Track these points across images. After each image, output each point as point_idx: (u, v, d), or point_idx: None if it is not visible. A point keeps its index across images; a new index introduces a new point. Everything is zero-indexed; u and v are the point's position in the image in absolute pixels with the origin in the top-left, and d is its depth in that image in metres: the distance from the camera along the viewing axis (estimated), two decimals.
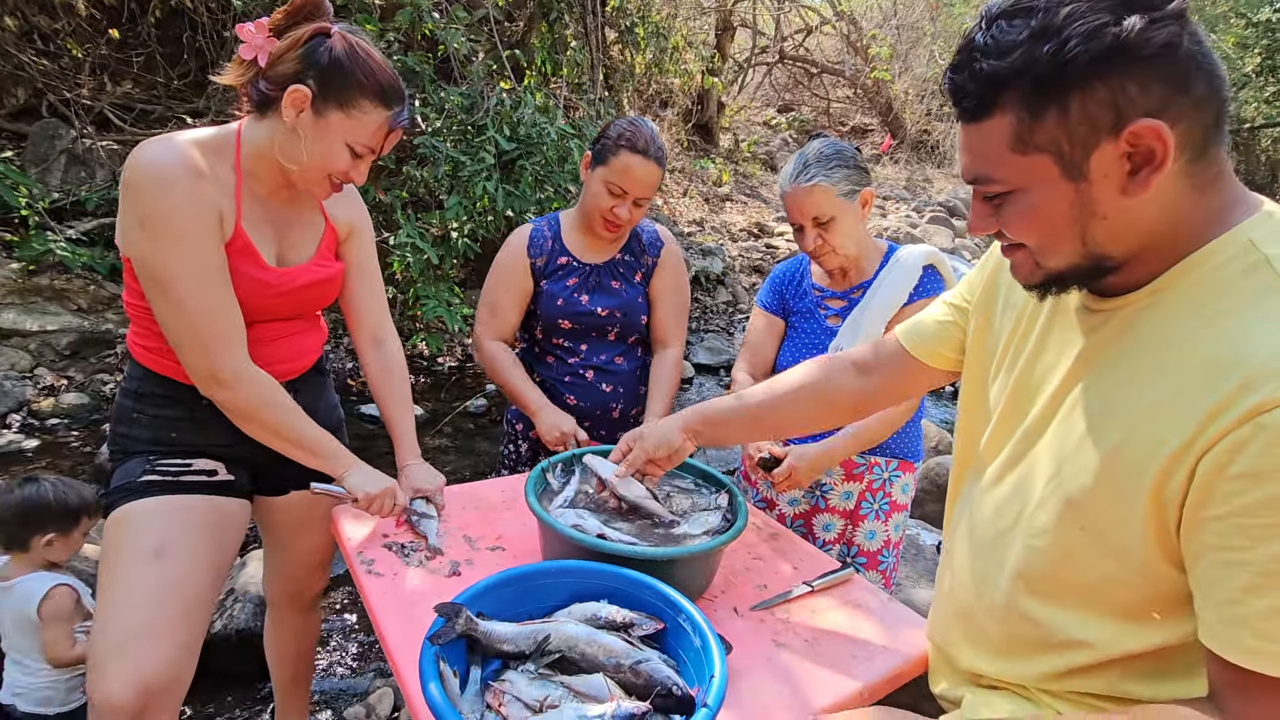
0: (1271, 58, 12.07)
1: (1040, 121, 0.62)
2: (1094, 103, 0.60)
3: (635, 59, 7.10)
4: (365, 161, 1.16)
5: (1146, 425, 0.63)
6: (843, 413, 1.12)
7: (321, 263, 1.27)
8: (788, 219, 1.61)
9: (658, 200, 8.09)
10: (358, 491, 1.20)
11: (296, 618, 1.52)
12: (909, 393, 1.08)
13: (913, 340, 1.02)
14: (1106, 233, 0.65)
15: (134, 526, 1.12)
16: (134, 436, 1.21)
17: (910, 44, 13.17)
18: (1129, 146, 0.60)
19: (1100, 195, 0.63)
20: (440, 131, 4.26)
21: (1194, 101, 0.60)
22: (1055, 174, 0.63)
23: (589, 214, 1.66)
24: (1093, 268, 0.68)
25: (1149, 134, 0.59)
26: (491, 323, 1.72)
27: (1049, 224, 0.66)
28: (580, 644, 0.86)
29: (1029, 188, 0.65)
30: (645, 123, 1.62)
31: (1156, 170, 0.60)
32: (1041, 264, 0.70)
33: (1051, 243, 0.67)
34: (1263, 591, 0.56)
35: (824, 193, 1.50)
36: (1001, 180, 0.66)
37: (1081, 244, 0.66)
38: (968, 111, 0.66)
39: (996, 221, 0.70)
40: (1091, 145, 0.61)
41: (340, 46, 1.08)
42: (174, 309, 1.07)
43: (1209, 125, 0.62)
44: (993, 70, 0.62)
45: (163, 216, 1.03)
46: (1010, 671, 0.82)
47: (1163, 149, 0.59)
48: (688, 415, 1.18)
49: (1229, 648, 0.58)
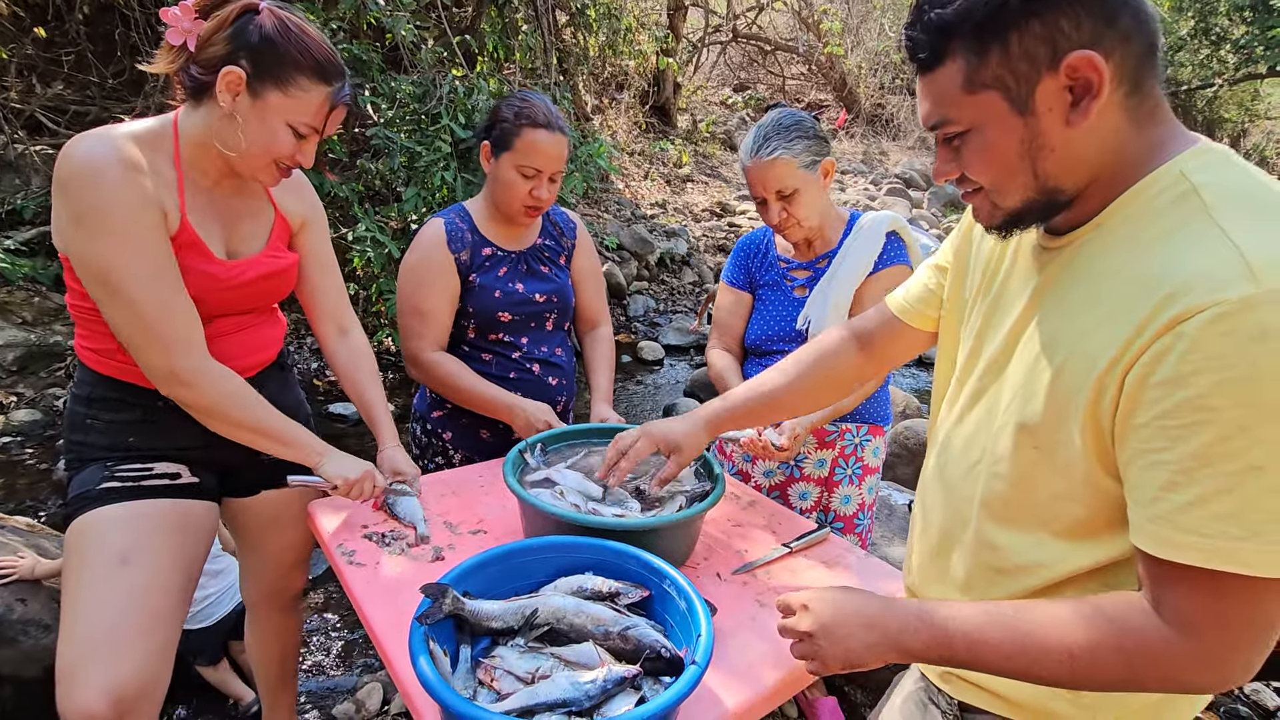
0: (1204, 20, 12.48)
1: (985, 61, 0.67)
2: (1031, 39, 0.65)
3: (588, 41, 7.02)
4: (310, 142, 1.12)
5: (1083, 346, 0.68)
6: (847, 384, 1.16)
7: (274, 254, 1.24)
8: (750, 193, 1.62)
9: (619, 183, 8.05)
10: (336, 479, 1.18)
11: (278, 618, 1.50)
12: (903, 358, 1.12)
13: (901, 306, 1.06)
14: (1055, 165, 0.69)
15: (96, 535, 1.08)
16: (89, 444, 1.17)
17: (860, 18, 13.26)
18: (1068, 79, 0.65)
19: (1047, 128, 0.68)
20: (393, 122, 4.17)
21: (1121, 34, 0.65)
22: (1005, 109, 0.68)
23: (505, 203, 1.56)
24: (1047, 202, 0.72)
25: (1084, 64, 0.64)
26: (426, 332, 1.56)
27: (1003, 159, 0.70)
28: (568, 615, 0.87)
29: (982, 125, 0.70)
30: (536, 94, 1.53)
31: (1095, 99, 0.65)
32: (999, 204, 0.74)
33: (1006, 179, 0.72)
34: (1180, 488, 0.59)
35: (785, 165, 1.51)
36: (957, 120, 0.71)
37: (1034, 177, 0.70)
38: (923, 63, 0.72)
39: (957, 165, 0.75)
40: (1034, 80, 0.66)
41: (270, 22, 1.05)
42: (125, 309, 1.03)
43: (1140, 57, 0.67)
44: (940, 19, 0.68)
45: (100, 213, 0.99)
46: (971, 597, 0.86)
47: (1098, 78, 0.64)
48: (710, 413, 1.19)
49: (1153, 543, 0.62)
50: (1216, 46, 12.70)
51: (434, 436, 1.70)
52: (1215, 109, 15.14)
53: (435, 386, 1.59)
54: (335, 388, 4.25)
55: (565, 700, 0.77)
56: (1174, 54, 13.09)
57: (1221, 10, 12.21)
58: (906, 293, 1.06)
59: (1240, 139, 16.72)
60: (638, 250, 6.74)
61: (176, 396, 1.10)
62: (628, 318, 6.16)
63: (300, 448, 1.20)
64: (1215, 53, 12.78)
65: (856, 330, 1.13)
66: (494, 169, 1.55)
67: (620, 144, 8.66)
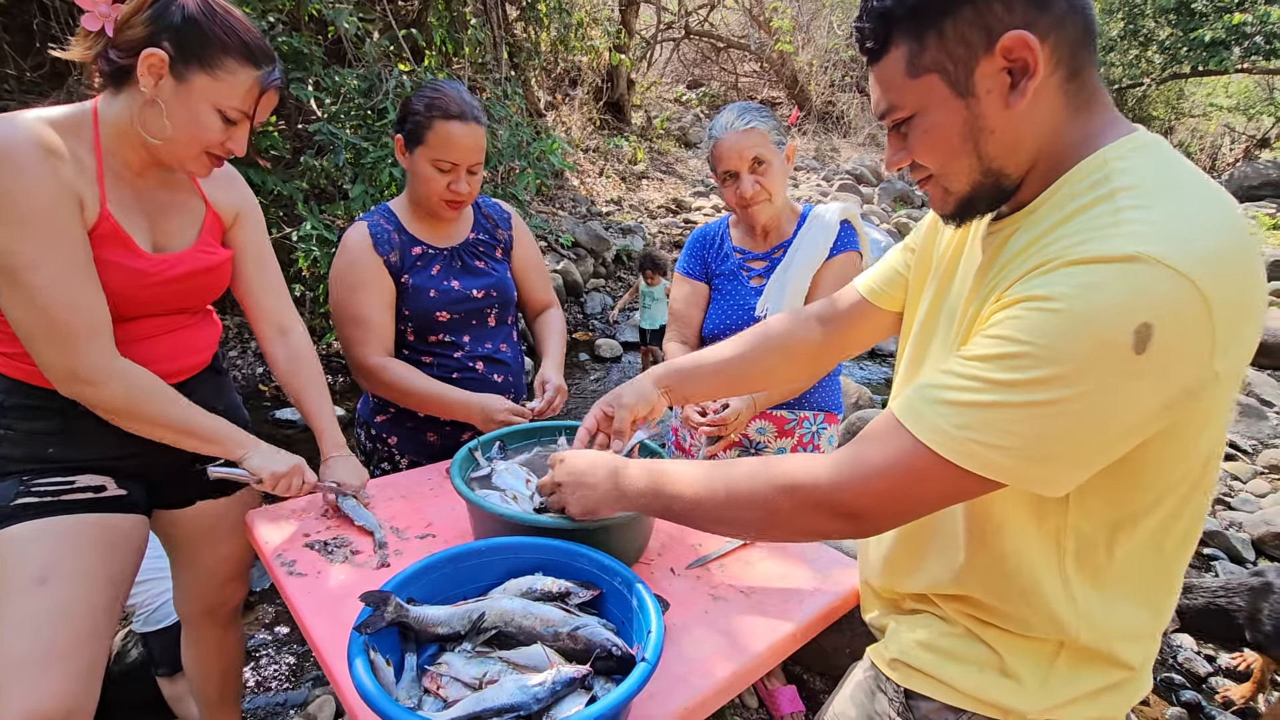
0: (1133, 22, 13.08)
1: (925, 46, 0.70)
2: (965, 24, 0.68)
3: (540, 36, 6.95)
4: (241, 129, 1.08)
5: (965, 318, 0.76)
6: (806, 363, 1.17)
7: (204, 249, 1.18)
8: (720, 169, 1.62)
9: (574, 180, 8.00)
10: (262, 472, 1.13)
11: (217, 633, 1.43)
12: (867, 340, 1.14)
13: (869, 287, 1.08)
14: (997, 146, 0.72)
15: (11, 554, 1.01)
16: (3, 456, 1.09)
17: (810, 15, 13.46)
18: (1005, 61, 0.68)
19: (987, 110, 0.70)
20: (337, 117, 4.04)
21: (1056, 19, 0.67)
22: (946, 92, 0.71)
23: (425, 199, 1.50)
24: (993, 185, 0.75)
25: (1018, 44, 0.66)
26: (366, 338, 1.49)
27: (946, 141, 0.73)
28: (516, 617, 0.85)
29: (926, 108, 0.72)
30: (450, 84, 1.47)
31: (1031, 78, 0.67)
32: (949, 189, 0.77)
33: (950, 161, 0.74)
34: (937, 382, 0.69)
35: (762, 135, 1.57)
36: (902, 105, 0.74)
37: (977, 159, 0.73)
38: (871, 52, 0.74)
39: (907, 152, 0.77)
40: (972, 63, 0.69)
41: (193, 3, 1.00)
42: (24, 301, 0.96)
43: (1076, 43, 0.69)
44: (881, 7, 0.71)
45: (8, 199, 0.93)
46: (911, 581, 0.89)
47: (1033, 58, 0.66)
48: (658, 372, 1.20)
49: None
50: (1144, 47, 13.33)
51: (379, 442, 1.65)
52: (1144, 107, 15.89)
53: (385, 393, 1.53)
54: (281, 393, 4.11)
55: (513, 705, 0.75)
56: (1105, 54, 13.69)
57: (1148, 13, 12.82)
58: (875, 275, 1.09)
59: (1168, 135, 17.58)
60: (594, 247, 6.71)
61: (80, 397, 1.03)
62: (585, 315, 6.13)
63: (223, 441, 1.14)
64: (1143, 53, 13.42)
65: (818, 312, 1.15)
66: (410, 164, 1.50)
67: (574, 140, 8.61)
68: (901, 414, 0.70)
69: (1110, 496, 0.71)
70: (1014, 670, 0.78)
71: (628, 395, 1.17)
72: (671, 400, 1.20)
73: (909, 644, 0.86)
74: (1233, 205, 0.64)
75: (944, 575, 0.84)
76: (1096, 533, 0.73)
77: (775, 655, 1.00)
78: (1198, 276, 0.58)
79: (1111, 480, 0.69)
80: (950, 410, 0.66)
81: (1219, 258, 0.59)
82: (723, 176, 1.63)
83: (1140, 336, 0.58)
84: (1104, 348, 0.59)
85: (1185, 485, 0.71)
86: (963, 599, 0.83)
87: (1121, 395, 0.60)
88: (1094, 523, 0.73)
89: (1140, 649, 0.77)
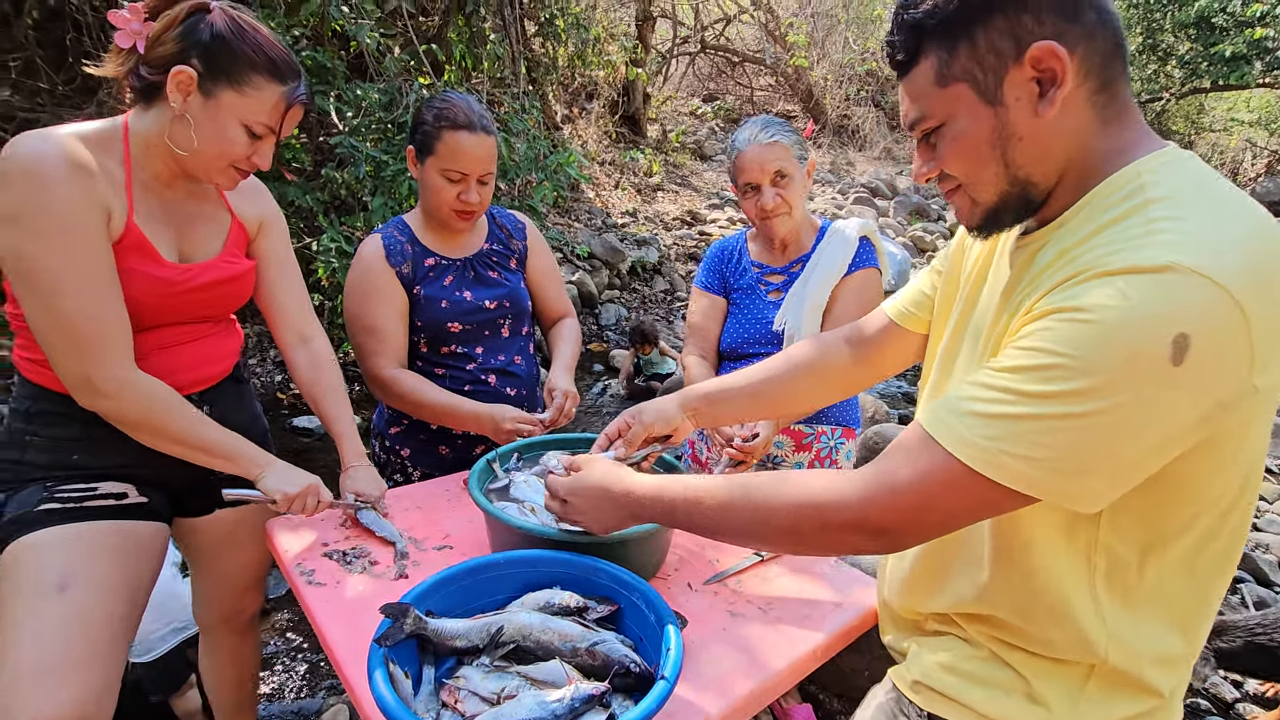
0: (1152, 37, 12.99)
1: (954, 55, 0.71)
2: (995, 33, 0.69)
3: (557, 51, 7.02)
4: (267, 143, 1.10)
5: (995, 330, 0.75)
6: (837, 387, 1.17)
7: (229, 259, 1.20)
8: (741, 181, 1.62)
9: (589, 193, 8.05)
10: (275, 493, 1.13)
11: (234, 641, 1.44)
12: (897, 364, 1.13)
13: (897, 310, 1.08)
14: (1024, 154, 0.72)
15: (33, 560, 1.02)
16: (28, 462, 1.11)
17: (826, 30, 13.50)
18: (1034, 71, 0.68)
19: (1016, 118, 0.71)
20: (358, 130, 4.10)
21: (1086, 30, 0.68)
22: (974, 100, 0.71)
23: (436, 210, 1.52)
24: (1020, 195, 0.74)
25: (1047, 54, 0.67)
26: (380, 349, 1.50)
27: (974, 148, 0.73)
28: (534, 632, 0.85)
29: (955, 116, 0.73)
30: (459, 95, 1.49)
31: (1060, 87, 0.68)
32: (976, 199, 0.77)
33: (978, 168, 0.74)
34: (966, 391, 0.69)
35: (784, 149, 1.58)
36: (931, 114, 0.74)
37: (1004, 167, 0.73)
38: (901, 64, 0.75)
39: (935, 162, 0.77)
40: (1001, 72, 0.69)
41: (222, 21, 1.02)
42: (45, 310, 0.98)
43: (1107, 54, 0.69)
44: (912, 18, 0.72)
45: (36, 211, 0.95)
46: (933, 601, 0.88)
47: (1061, 68, 0.67)
48: (686, 394, 1.20)
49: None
50: (1163, 62, 13.23)
51: (392, 454, 1.65)
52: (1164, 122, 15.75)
53: (398, 404, 1.54)
54: (300, 401, 4.15)
55: None
56: None
57: (1167, 28, 12.73)
58: (903, 298, 1.08)
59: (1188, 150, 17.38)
60: (609, 259, 6.73)
61: (97, 408, 1.05)
62: (599, 326, 6.15)
63: (238, 459, 1.14)
64: (1162, 68, 13.32)
65: (847, 335, 1.14)
66: (421, 175, 1.51)
67: (591, 153, 8.67)
68: (929, 426, 0.69)
69: (1142, 515, 0.70)
70: (1041, 695, 0.76)
71: (649, 413, 1.17)
72: (697, 423, 1.20)
73: (931, 666, 0.84)
74: (1268, 218, 0.64)
75: (968, 593, 0.83)
76: (1128, 552, 0.72)
77: (795, 674, 0.98)
78: (1235, 288, 0.57)
79: (1144, 498, 0.67)
80: (980, 421, 0.65)
81: (1256, 269, 0.58)
82: (743, 188, 1.63)
83: (1178, 347, 0.57)
84: (1140, 359, 0.58)
85: (1222, 504, 0.69)
86: (987, 619, 0.82)
87: (1157, 407, 0.59)
88: (1126, 541, 0.71)
89: (1171, 675, 0.75)
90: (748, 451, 1.52)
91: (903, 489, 0.69)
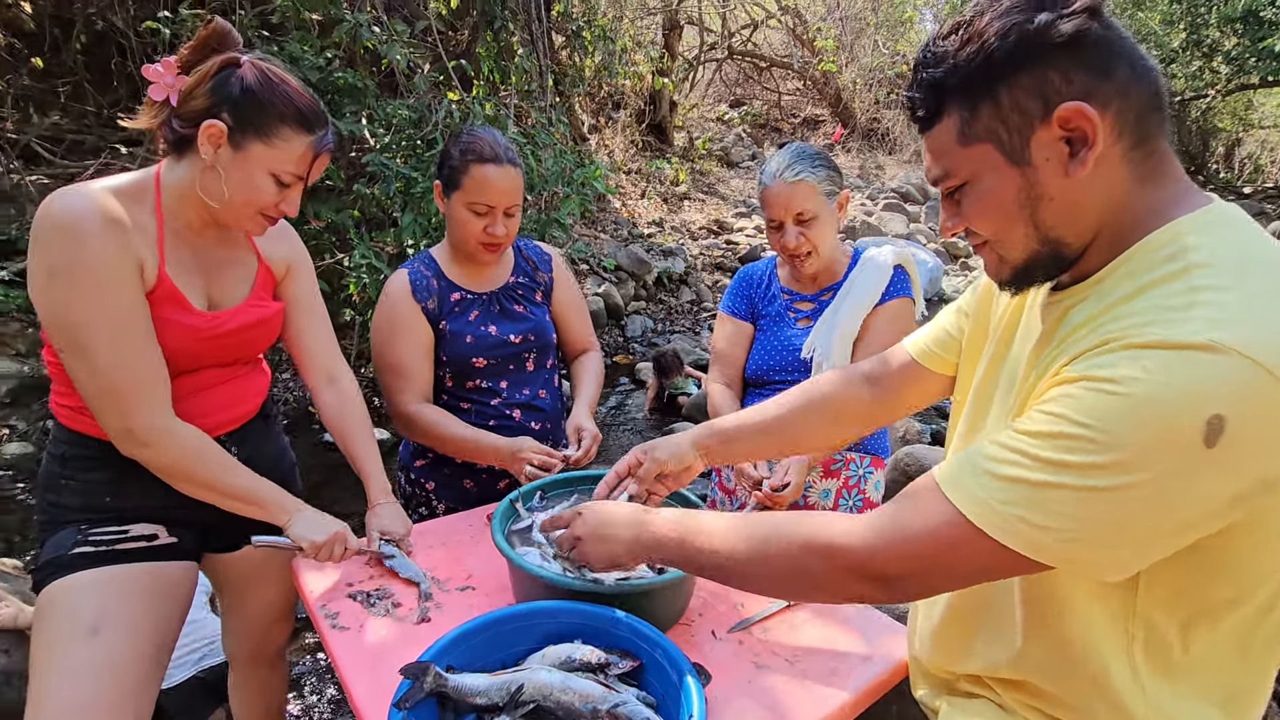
0: (1196, 33, 12.58)
1: (977, 114, 0.68)
2: (1021, 92, 0.66)
3: (584, 63, 7.07)
4: (295, 190, 1.11)
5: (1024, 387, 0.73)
6: (854, 425, 1.14)
7: (256, 303, 1.22)
8: (766, 214, 1.60)
9: (616, 203, 8.07)
10: (302, 541, 1.14)
11: (263, 672, 1.46)
12: (918, 402, 1.10)
13: (921, 349, 1.05)
14: (1055, 215, 0.69)
15: (67, 603, 1.05)
16: (64, 505, 1.14)
17: (855, 34, 13.36)
18: (1063, 130, 0.65)
19: (1045, 178, 0.68)
20: (389, 147, 4.17)
21: (1118, 87, 0.65)
22: (1000, 160, 0.69)
23: (463, 243, 1.53)
24: (1051, 254, 0.72)
25: (1076, 115, 0.64)
26: (403, 386, 1.51)
27: (1001, 208, 0.70)
28: (555, 692, 0.84)
29: (980, 176, 0.70)
30: (485, 129, 1.50)
31: (1091, 149, 0.65)
32: (1004, 256, 0.74)
33: (1006, 229, 0.72)
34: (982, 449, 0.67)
35: (809, 188, 1.53)
36: (955, 172, 0.72)
37: (1034, 227, 0.70)
38: (922, 120, 0.73)
39: (960, 218, 0.75)
40: (1028, 131, 0.67)
41: (251, 75, 1.04)
42: (85, 363, 1.01)
43: (1143, 110, 0.66)
44: (932, 78, 0.70)
45: (72, 267, 0.97)
46: (964, 662, 0.85)
47: (1091, 128, 0.64)
48: (699, 432, 1.18)
49: None
50: (1209, 58, 12.80)
51: (417, 487, 1.66)
52: (1210, 119, 15.24)
53: (421, 439, 1.55)
54: None
55: None
56: (1166, 66, 13.19)
57: (1213, 22, 12.31)
58: (926, 336, 1.05)
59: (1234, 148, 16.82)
60: (635, 270, 6.74)
61: (138, 457, 1.07)
62: (625, 338, 6.15)
63: (268, 507, 1.16)
64: (1208, 64, 12.88)
65: (867, 372, 1.11)
66: (448, 209, 1.52)
67: (617, 163, 8.69)
68: (943, 481, 0.67)
69: (1179, 588, 0.66)
70: None
71: (661, 450, 1.15)
72: (710, 462, 1.18)
73: None
74: None
75: (1000, 658, 0.80)
76: (1167, 624, 0.68)
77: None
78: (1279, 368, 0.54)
79: (1179, 571, 0.64)
80: (996, 484, 0.63)
81: None
82: (768, 221, 1.61)
83: (1212, 429, 0.54)
84: (1170, 437, 0.55)
85: (1275, 580, 0.65)
86: (1022, 685, 0.79)
87: (1187, 487, 0.57)
88: (1164, 613, 0.68)
89: None
90: (777, 500, 1.49)
91: (911, 539, 0.67)
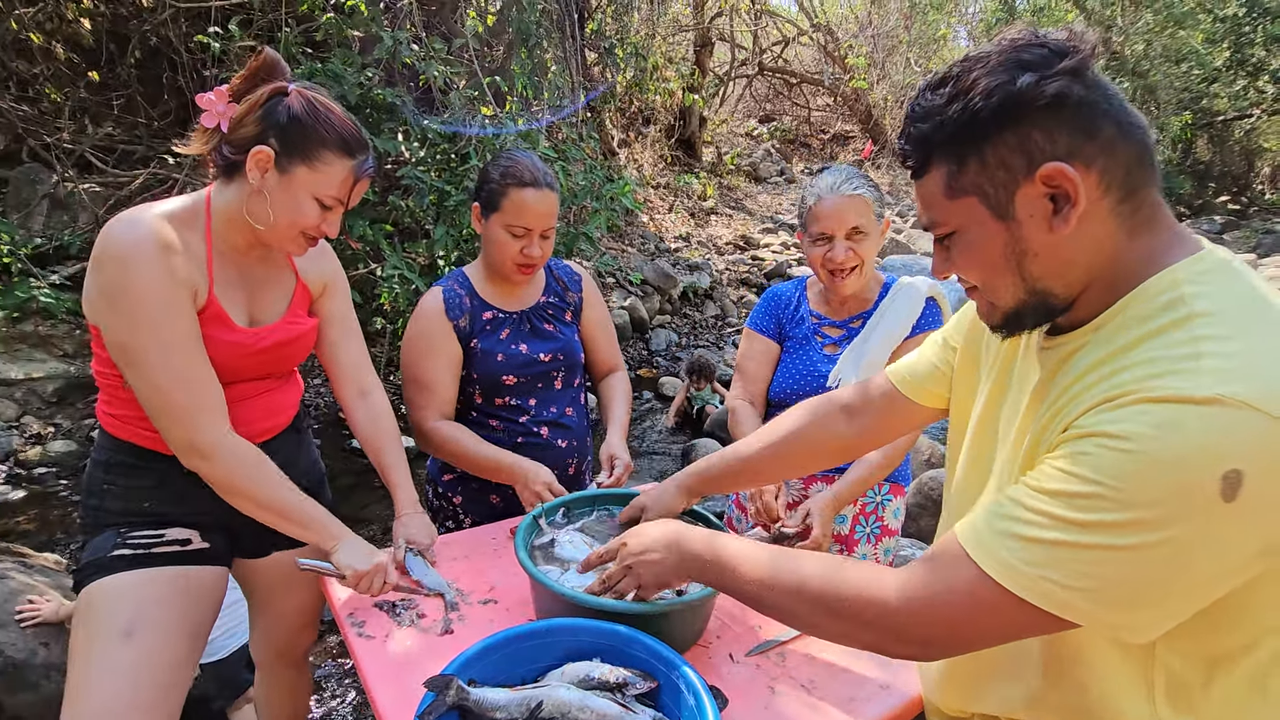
0: (1239, 51, 12.30)
1: (964, 169, 0.70)
2: (1006, 150, 0.67)
3: (616, 79, 7.16)
4: (335, 213, 1.16)
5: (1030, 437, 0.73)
6: (830, 456, 1.16)
7: (293, 320, 1.27)
8: (815, 229, 1.56)
9: (643, 217, 8.13)
10: (345, 569, 1.17)
11: (290, 675, 1.50)
12: (898, 432, 1.11)
13: (904, 379, 1.05)
14: (1041, 267, 0.70)
15: (104, 605, 1.10)
16: (105, 509, 1.19)
17: (887, 51, 13.34)
18: (1046, 188, 0.67)
19: (1029, 233, 0.69)
20: (424, 161, 4.27)
21: (1103, 145, 0.66)
22: (985, 214, 0.70)
23: (498, 264, 1.56)
24: (1039, 304, 0.73)
25: (1058, 175, 0.65)
26: (427, 402, 1.54)
27: (987, 260, 0.72)
28: (573, 710, 0.85)
29: (967, 228, 0.72)
30: (523, 153, 1.55)
31: (1074, 207, 0.66)
32: (995, 303, 0.76)
33: (993, 279, 0.73)
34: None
35: (865, 203, 1.54)
36: (944, 222, 0.74)
37: (1021, 278, 0.71)
38: (913, 170, 0.75)
39: (951, 265, 0.77)
40: (1012, 188, 0.68)
41: (298, 104, 1.09)
42: (145, 382, 1.06)
43: (1131, 166, 0.67)
44: (920, 133, 0.72)
45: (129, 293, 1.03)
46: (977, 701, 0.84)
47: (1073, 188, 0.65)
48: (681, 478, 1.25)
49: None
50: (1254, 76, 12.50)
51: (444, 500, 1.70)
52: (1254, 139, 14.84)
53: (439, 454, 1.59)
54: None
55: None
56: (1209, 85, 12.90)
57: (1258, 41, 12.03)
58: (911, 367, 1.05)
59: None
60: (660, 284, 6.77)
61: (198, 470, 1.12)
62: (650, 352, 6.17)
63: (317, 530, 1.19)
64: (1252, 83, 12.58)
65: (843, 402, 1.12)
66: (485, 230, 1.56)
67: (646, 177, 8.76)
68: (967, 543, 0.67)
69: (1198, 635, 0.66)
70: None
71: (653, 509, 1.24)
72: (694, 500, 1.26)
73: None
74: None
75: (1016, 700, 0.79)
76: (1189, 669, 0.68)
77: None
78: None
79: (1200, 619, 0.64)
80: (1020, 545, 0.63)
81: None
82: (815, 237, 1.57)
83: (1229, 483, 0.54)
84: (1188, 493, 0.56)
85: None
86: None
87: (1209, 543, 0.57)
88: (1185, 658, 0.68)
89: None
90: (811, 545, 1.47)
91: (939, 603, 0.68)
